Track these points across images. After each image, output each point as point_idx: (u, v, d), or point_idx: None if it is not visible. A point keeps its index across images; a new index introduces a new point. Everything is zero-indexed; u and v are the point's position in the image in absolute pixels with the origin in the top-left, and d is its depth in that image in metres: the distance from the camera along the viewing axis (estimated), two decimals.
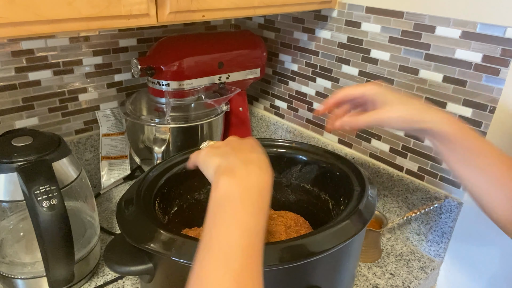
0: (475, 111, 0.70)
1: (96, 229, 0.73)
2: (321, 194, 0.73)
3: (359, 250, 0.63)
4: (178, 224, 0.70)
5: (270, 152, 0.74)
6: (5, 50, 0.79)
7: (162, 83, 0.84)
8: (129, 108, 0.90)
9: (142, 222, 0.52)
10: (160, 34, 0.99)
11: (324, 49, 0.92)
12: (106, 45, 0.92)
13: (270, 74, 1.08)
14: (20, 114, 0.85)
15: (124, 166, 1.00)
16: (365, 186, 0.60)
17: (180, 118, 0.88)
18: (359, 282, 0.74)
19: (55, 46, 0.85)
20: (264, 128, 1.14)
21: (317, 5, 0.82)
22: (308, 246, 0.48)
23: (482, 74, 0.68)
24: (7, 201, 0.62)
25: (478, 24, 0.66)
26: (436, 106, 0.54)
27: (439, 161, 0.77)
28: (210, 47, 0.89)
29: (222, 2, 0.65)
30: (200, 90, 0.89)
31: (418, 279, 0.76)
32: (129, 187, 0.62)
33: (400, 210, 0.84)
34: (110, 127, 0.97)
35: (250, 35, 0.98)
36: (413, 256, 0.82)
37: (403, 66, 0.78)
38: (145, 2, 0.56)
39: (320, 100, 0.97)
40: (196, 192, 0.73)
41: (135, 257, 0.52)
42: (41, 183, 0.57)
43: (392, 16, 0.77)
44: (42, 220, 0.56)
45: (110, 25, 0.54)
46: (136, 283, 0.71)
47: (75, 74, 0.90)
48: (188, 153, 0.71)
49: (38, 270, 0.65)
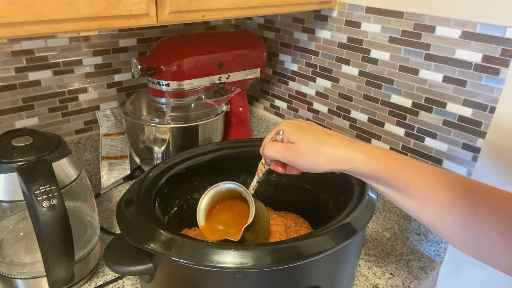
0: (475, 111, 0.70)
1: (96, 229, 0.73)
2: (321, 194, 0.73)
3: (359, 250, 0.63)
4: (178, 224, 0.70)
5: None
6: (5, 50, 0.79)
7: (162, 83, 0.84)
8: (129, 108, 0.90)
9: (142, 222, 0.52)
10: (160, 34, 0.99)
11: (324, 49, 0.92)
12: (106, 45, 0.92)
13: (270, 74, 1.08)
14: (20, 114, 0.85)
15: (124, 166, 1.00)
16: (365, 186, 0.60)
17: (180, 118, 0.88)
18: (359, 282, 0.74)
19: (55, 46, 0.85)
20: (264, 128, 1.14)
21: (317, 5, 0.82)
22: (308, 246, 0.48)
23: (482, 74, 0.68)
24: (7, 201, 0.62)
25: (478, 24, 0.66)
26: (354, 140, 0.50)
27: (439, 161, 0.77)
28: (210, 47, 0.89)
29: (222, 2, 0.65)
30: (200, 90, 0.89)
31: (418, 279, 0.76)
32: (129, 187, 0.62)
33: (400, 210, 0.85)
34: (110, 127, 0.97)
35: (250, 35, 0.98)
36: (413, 256, 0.82)
37: (403, 66, 0.78)
38: (145, 2, 0.56)
39: (320, 100, 0.97)
40: (196, 192, 0.73)
41: (135, 257, 0.52)
42: (41, 183, 0.56)
43: (392, 16, 0.77)
44: (42, 220, 0.56)
45: (110, 25, 0.54)
46: (136, 283, 0.71)
47: (75, 74, 0.90)
48: (189, 153, 0.71)
49: (38, 270, 0.65)
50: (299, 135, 0.50)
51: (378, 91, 0.84)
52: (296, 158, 0.50)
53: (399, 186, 0.47)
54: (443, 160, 0.77)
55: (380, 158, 0.48)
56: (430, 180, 0.46)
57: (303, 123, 0.53)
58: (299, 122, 0.53)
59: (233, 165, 0.74)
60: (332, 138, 0.50)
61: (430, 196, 0.45)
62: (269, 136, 0.54)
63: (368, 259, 0.80)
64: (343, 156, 0.48)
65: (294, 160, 0.50)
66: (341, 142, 0.49)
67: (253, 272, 0.48)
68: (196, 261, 0.46)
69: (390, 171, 0.47)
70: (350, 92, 0.90)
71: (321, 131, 0.51)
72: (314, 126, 0.53)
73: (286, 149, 0.51)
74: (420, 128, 0.79)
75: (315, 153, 0.49)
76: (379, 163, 0.47)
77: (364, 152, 0.48)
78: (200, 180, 0.73)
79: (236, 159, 0.74)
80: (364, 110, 0.88)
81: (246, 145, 0.74)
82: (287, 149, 0.51)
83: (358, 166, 0.48)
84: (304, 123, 0.53)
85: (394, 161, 0.48)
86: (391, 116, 0.83)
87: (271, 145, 0.52)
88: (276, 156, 0.52)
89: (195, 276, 0.51)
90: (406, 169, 0.47)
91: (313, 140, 0.49)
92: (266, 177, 0.76)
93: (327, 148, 0.49)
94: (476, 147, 0.71)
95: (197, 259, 0.46)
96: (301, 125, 0.52)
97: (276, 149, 0.51)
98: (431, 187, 0.45)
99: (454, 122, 0.73)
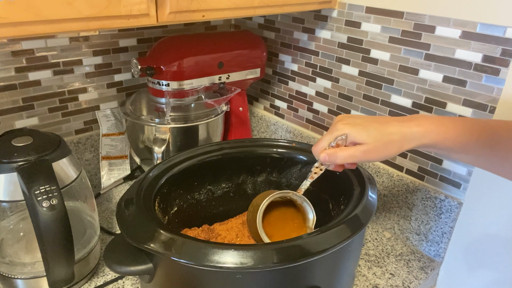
0: (475, 111, 0.70)
1: (96, 229, 0.73)
2: (321, 194, 0.73)
3: (359, 250, 0.63)
4: (178, 224, 0.70)
5: (270, 152, 0.75)
6: (5, 50, 0.79)
7: (162, 83, 0.84)
8: (129, 108, 0.90)
9: (142, 222, 0.52)
10: (160, 34, 0.99)
11: (324, 49, 0.92)
12: (106, 45, 0.92)
13: (270, 74, 1.08)
14: (20, 114, 0.85)
15: (124, 166, 1.00)
16: (365, 186, 0.60)
17: (180, 118, 0.88)
18: (359, 282, 0.74)
19: (55, 46, 0.85)
20: (264, 128, 1.14)
21: (317, 5, 0.82)
22: (308, 246, 0.48)
23: (482, 74, 0.68)
24: (7, 201, 0.62)
25: (478, 24, 0.66)
26: (408, 117, 0.52)
27: (439, 161, 0.77)
28: (210, 47, 0.89)
29: (222, 2, 0.65)
30: (200, 90, 0.89)
31: (418, 279, 0.76)
32: (129, 187, 0.62)
33: (400, 210, 0.84)
34: (110, 127, 0.97)
35: (250, 35, 0.98)
36: (413, 256, 0.82)
37: (403, 66, 0.78)
38: (145, 2, 0.56)
39: (320, 100, 0.97)
40: (196, 192, 0.73)
41: (135, 257, 0.52)
42: (41, 183, 0.56)
43: (392, 16, 0.77)
44: (42, 220, 0.56)
45: (110, 25, 0.54)
46: (136, 283, 0.71)
47: (75, 74, 0.90)
48: (189, 153, 0.71)
49: (38, 270, 0.65)
50: (365, 135, 0.51)
51: (378, 91, 0.84)
52: (371, 157, 0.51)
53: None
54: (443, 160, 0.77)
55: (442, 124, 0.50)
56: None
57: (356, 119, 0.53)
58: (353, 120, 0.53)
59: (233, 165, 0.74)
60: (391, 125, 0.51)
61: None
62: (327, 141, 0.53)
63: (368, 259, 0.80)
64: (410, 136, 0.50)
65: (369, 159, 0.51)
66: (400, 125, 0.50)
67: (253, 272, 0.48)
68: (196, 261, 0.46)
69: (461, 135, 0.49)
70: (350, 92, 0.90)
71: (378, 122, 0.52)
72: (368, 119, 0.53)
73: (360, 152, 0.51)
74: None
75: (386, 146, 0.50)
76: (447, 129, 0.49)
77: (427, 124, 0.50)
78: (200, 180, 0.73)
79: (236, 159, 0.74)
80: (364, 110, 0.88)
81: (246, 145, 0.74)
82: (361, 152, 0.51)
83: (425, 139, 0.49)
84: (358, 119, 0.53)
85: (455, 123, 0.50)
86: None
87: (340, 151, 0.52)
88: (351, 161, 0.52)
89: (195, 276, 0.51)
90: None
91: (379, 134, 0.50)
92: (266, 177, 0.76)
93: (393, 136, 0.50)
94: None
95: (197, 259, 0.46)
96: (359, 123, 0.52)
97: (348, 155, 0.51)
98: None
99: None
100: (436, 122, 0.49)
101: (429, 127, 0.49)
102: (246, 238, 0.66)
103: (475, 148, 0.50)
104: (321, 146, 0.54)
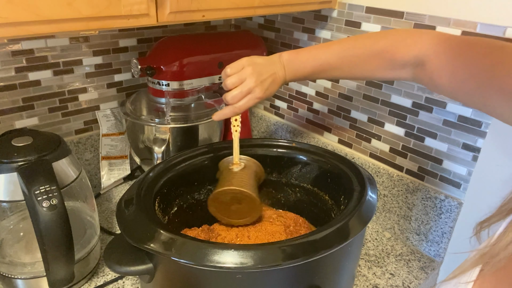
0: (475, 111, 0.70)
1: (96, 229, 0.73)
2: (321, 194, 0.73)
3: (359, 250, 0.63)
4: (178, 224, 0.70)
5: (270, 152, 0.75)
6: (5, 50, 0.79)
7: (162, 83, 0.84)
8: (129, 108, 0.90)
9: (142, 222, 0.52)
10: (160, 34, 0.99)
11: None
12: (106, 45, 0.92)
13: None
14: (20, 114, 0.85)
15: (124, 166, 1.00)
16: (365, 186, 0.60)
17: (180, 118, 0.88)
18: (359, 282, 0.74)
19: (55, 46, 0.85)
20: (264, 128, 1.14)
21: (317, 5, 0.82)
22: (308, 246, 0.49)
23: None
24: (7, 201, 0.62)
25: (478, 24, 0.66)
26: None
27: (439, 161, 0.77)
28: (210, 47, 0.89)
29: (222, 2, 0.65)
30: (200, 90, 0.89)
31: (418, 279, 0.76)
32: (129, 187, 0.62)
33: (400, 210, 0.85)
34: (110, 127, 0.97)
35: (250, 35, 0.98)
36: (413, 256, 0.82)
37: None
38: (145, 2, 0.56)
39: (320, 100, 0.97)
40: (196, 192, 0.73)
41: (135, 257, 0.52)
42: (41, 183, 0.56)
43: (392, 16, 0.77)
44: (42, 220, 0.56)
45: (110, 25, 0.54)
46: (136, 283, 0.71)
47: (75, 74, 0.90)
48: (189, 153, 0.71)
49: (38, 270, 0.65)
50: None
51: (378, 91, 0.84)
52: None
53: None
54: (443, 160, 0.77)
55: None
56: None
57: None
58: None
59: None
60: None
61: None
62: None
63: (368, 259, 0.80)
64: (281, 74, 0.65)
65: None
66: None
67: (253, 272, 0.48)
68: (196, 261, 0.46)
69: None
70: (350, 92, 0.90)
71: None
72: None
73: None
74: (420, 128, 0.79)
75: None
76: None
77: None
78: (200, 180, 0.73)
79: None
80: (364, 110, 0.88)
81: (246, 145, 0.74)
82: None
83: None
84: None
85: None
86: (391, 116, 0.83)
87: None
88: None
89: (195, 276, 0.51)
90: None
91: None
92: (266, 177, 0.76)
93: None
94: (476, 147, 0.72)
95: (197, 259, 0.46)
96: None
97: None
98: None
99: (454, 122, 0.73)
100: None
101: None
102: (246, 238, 0.66)
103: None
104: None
